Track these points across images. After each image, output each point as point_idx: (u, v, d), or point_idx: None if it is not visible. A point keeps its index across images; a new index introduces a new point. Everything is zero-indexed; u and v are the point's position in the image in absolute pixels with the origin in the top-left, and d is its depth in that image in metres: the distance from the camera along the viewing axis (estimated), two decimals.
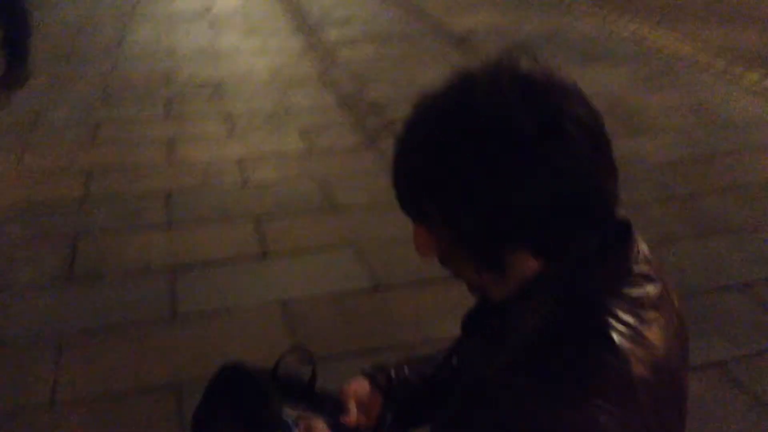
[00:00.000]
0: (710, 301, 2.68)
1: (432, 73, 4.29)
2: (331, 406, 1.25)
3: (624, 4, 6.94)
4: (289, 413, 1.20)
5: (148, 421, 2.13)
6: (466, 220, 0.86)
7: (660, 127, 4.22)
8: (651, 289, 0.89)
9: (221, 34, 6.26)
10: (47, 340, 2.42)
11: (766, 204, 3.35)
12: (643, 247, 0.94)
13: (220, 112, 4.44)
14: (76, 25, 6.35)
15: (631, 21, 6.53)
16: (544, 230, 0.85)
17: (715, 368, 2.33)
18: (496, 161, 0.82)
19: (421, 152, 0.88)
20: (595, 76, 5.12)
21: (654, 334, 0.85)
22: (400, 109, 0.92)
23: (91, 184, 3.47)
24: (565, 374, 0.79)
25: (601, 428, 0.76)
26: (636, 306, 0.86)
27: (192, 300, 2.67)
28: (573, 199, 0.84)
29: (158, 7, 7.20)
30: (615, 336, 0.81)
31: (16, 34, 4.78)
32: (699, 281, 2.80)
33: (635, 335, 0.82)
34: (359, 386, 1.26)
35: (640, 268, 0.90)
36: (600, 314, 0.83)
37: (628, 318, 0.83)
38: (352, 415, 1.21)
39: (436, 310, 2.55)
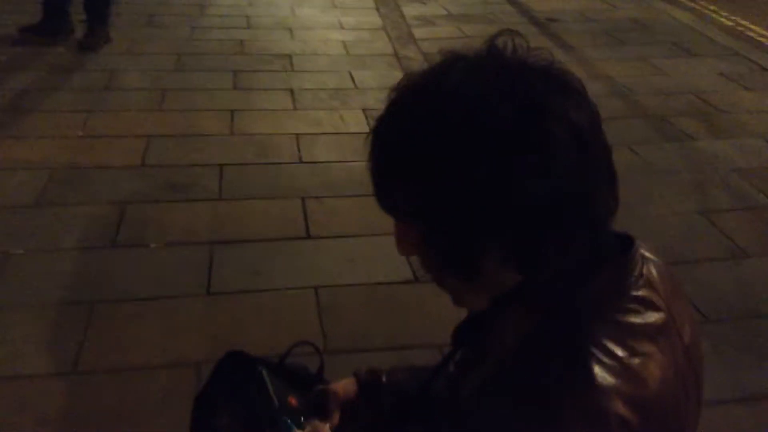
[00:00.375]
0: None
1: None
2: (315, 405, 1.21)
3: None
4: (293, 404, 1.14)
5: (165, 398, 2.12)
6: (430, 215, 0.80)
7: (746, 129, 3.91)
8: (650, 318, 0.78)
9: (301, 6, 6.21)
10: (81, 305, 2.44)
11: None
12: (649, 269, 0.83)
13: (287, 85, 4.40)
14: None
15: (731, 13, 6.10)
16: (514, 236, 0.77)
17: None
18: (462, 153, 0.75)
19: (389, 136, 0.82)
20: (684, 69, 4.83)
21: (645, 370, 0.75)
22: None
23: (148, 152, 3.49)
24: (536, 404, 0.71)
25: None
26: (627, 335, 0.76)
27: (228, 277, 2.64)
28: (548, 205, 0.75)
29: None
30: (596, 368, 0.71)
31: None
32: None
33: (621, 369, 0.73)
34: (345, 387, 1.21)
35: (640, 292, 0.80)
36: (583, 341, 0.74)
37: (615, 348, 0.74)
38: (333, 418, 1.16)
39: None
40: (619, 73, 4.73)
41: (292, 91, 4.31)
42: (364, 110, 4.07)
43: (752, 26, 5.75)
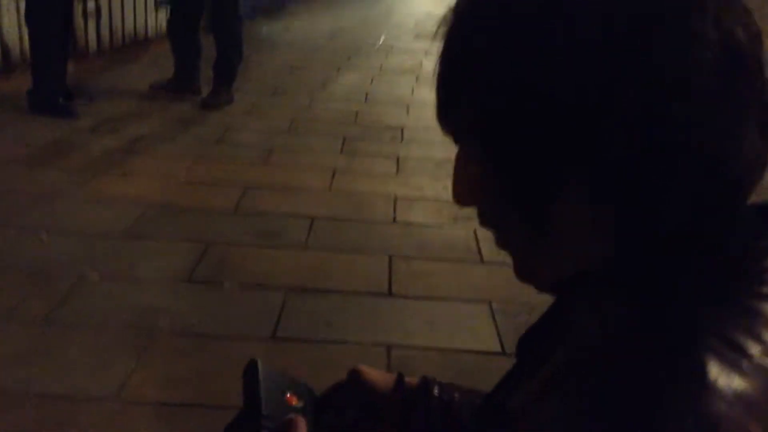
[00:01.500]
0: None
1: None
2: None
3: None
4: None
5: None
6: (498, 122, 0.58)
7: None
8: None
9: (422, 87, 6.23)
10: (141, 333, 2.32)
11: None
12: None
13: (393, 153, 4.32)
14: (290, 66, 6.68)
15: None
16: (609, 166, 0.54)
17: None
18: (551, 37, 0.54)
19: (465, 15, 0.62)
20: None
21: None
22: None
23: (243, 199, 3.45)
24: (621, 409, 0.46)
25: None
26: (764, 326, 0.49)
27: (297, 324, 2.46)
28: (669, 130, 0.52)
29: (372, 61, 7.42)
30: (712, 367, 0.46)
31: (229, 59, 5.06)
32: None
33: (752, 369, 0.47)
34: (379, 377, 0.92)
35: None
36: (696, 328, 0.49)
37: (744, 341, 0.48)
38: None
39: None
40: None
41: (397, 159, 4.21)
42: None
43: None
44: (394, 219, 3.36)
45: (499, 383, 0.81)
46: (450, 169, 0.68)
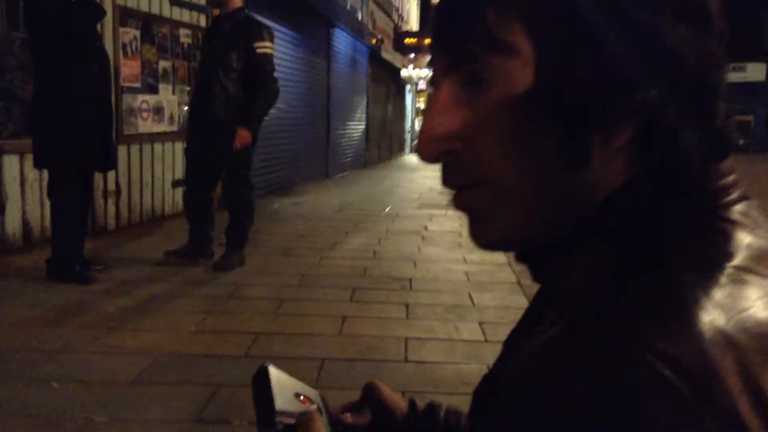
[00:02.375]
0: None
1: None
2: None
3: None
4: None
5: None
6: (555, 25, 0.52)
7: None
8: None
9: (428, 246, 6.39)
10: None
11: None
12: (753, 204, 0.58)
13: (403, 300, 4.35)
14: (299, 234, 6.89)
15: None
16: (660, 96, 0.51)
17: None
18: None
19: None
20: None
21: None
22: None
23: (254, 345, 3.45)
24: (606, 340, 0.44)
25: None
26: (731, 244, 0.51)
27: None
28: (698, 56, 0.53)
29: (379, 226, 7.64)
30: (690, 279, 0.48)
31: (241, 223, 5.24)
32: None
33: (727, 281, 0.48)
34: (393, 396, 0.89)
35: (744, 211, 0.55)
36: (667, 251, 0.50)
37: (715, 256, 0.50)
38: (365, 415, 0.86)
39: None
40: None
41: (407, 305, 4.24)
42: (480, 323, 3.89)
43: None
44: (406, 358, 3.33)
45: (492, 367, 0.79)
46: (459, 312, 0.64)
